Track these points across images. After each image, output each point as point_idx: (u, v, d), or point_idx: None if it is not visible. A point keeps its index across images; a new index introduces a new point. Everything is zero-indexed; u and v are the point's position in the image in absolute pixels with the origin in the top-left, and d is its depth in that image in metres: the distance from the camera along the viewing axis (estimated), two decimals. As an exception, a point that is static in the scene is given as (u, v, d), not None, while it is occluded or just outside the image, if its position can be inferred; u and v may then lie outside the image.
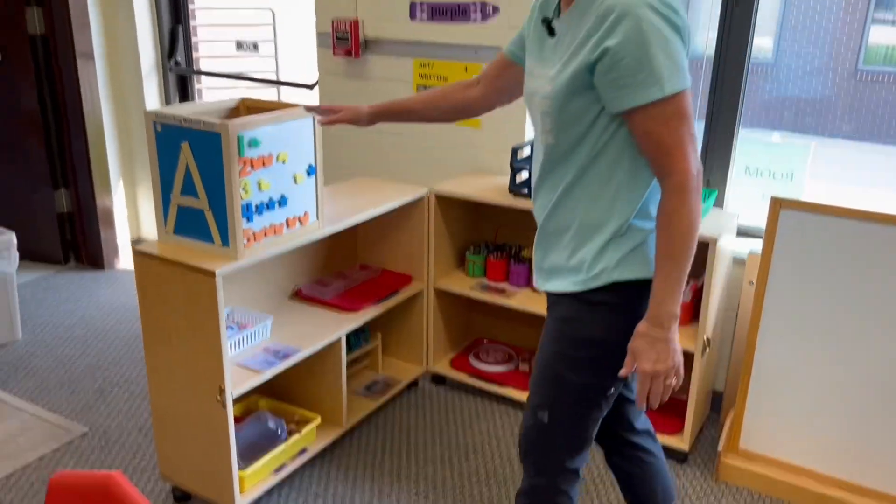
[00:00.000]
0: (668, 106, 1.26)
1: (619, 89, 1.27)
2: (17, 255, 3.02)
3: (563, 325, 1.47)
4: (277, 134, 1.90)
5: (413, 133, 2.91)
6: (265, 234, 1.95)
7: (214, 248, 1.89)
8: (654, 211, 1.39)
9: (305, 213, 2.06)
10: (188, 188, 1.86)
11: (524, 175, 2.52)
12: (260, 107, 2.05)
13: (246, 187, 1.85)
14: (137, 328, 3.20)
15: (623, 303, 1.41)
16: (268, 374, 2.04)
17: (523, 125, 2.68)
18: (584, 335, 1.44)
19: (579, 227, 1.42)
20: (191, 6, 3.64)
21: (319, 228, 2.13)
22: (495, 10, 2.63)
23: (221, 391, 1.90)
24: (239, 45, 4.52)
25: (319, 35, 3.03)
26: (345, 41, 2.90)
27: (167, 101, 3.68)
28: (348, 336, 2.57)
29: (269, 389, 2.42)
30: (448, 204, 2.65)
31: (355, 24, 2.87)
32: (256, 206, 1.89)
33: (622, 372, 1.39)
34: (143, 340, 2.02)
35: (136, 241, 3.95)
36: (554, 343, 1.48)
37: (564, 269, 1.46)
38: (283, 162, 1.94)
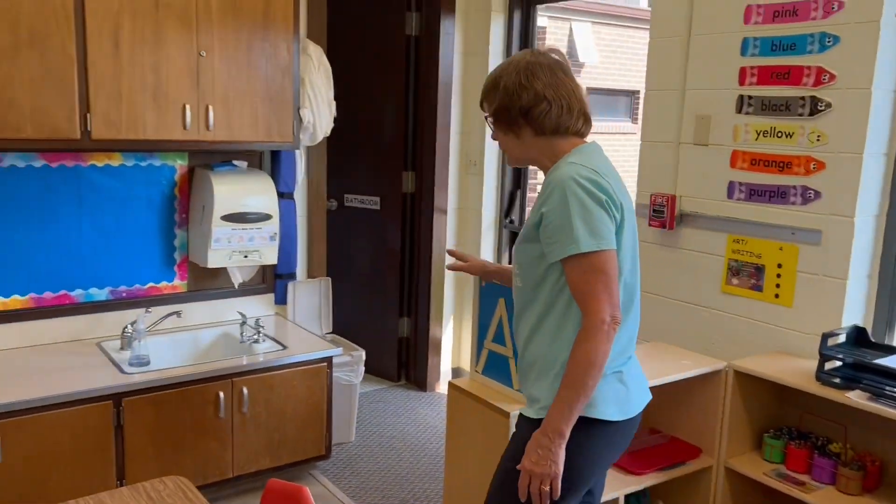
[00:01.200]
0: (585, 261, 1.58)
1: (550, 245, 1.63)
2: (363, 369, 3.63)
3: (515, 445, 1.72)
4: (581, 299, 2.14)
5: (718, 303, 2.94)
6: (559, 387, 2.16)
7: (512, 393, 2.15)
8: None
9: (598, 372, 2.24)
10: (499, 337, 2.17)
11: (836, 363, 2.41)
12: (570, 272, 2.33)
13: (547, 343, 2.10)
14: (443, 450, 3.59)
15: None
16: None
17: (840, 311, 2.58)
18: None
19: (543, 362, 1.70)
20: (530, 173, 4.19)
21: (610, 388, 2.28)
22: (817, 194, 2.63)
23: (501, 523, 2.10)
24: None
25: (639, 206, 3.28)
26: (661, 213, 3.11)
27: (499, 253, 4.20)
28: (627, 497, 2.60)
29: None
30: (748, 381, 2.61)
31: (672, 199, 3.07)
32: (554, 361, 2.13)
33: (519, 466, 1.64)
34: (445, 461, 2.32)
35: (455, 370, 4.44)
36: (508, 460, 1.73)
37: (531, 398, 1.73)
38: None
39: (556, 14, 9.16)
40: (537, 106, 1.69)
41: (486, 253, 4.20)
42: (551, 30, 9.23)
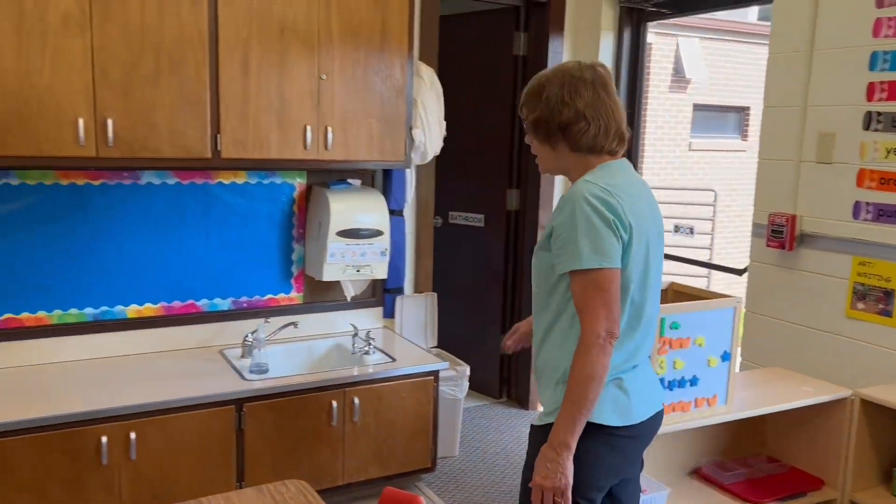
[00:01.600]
0: (586, 277, 1.65)
1: (558, 257, 1.70)
2: (467, 384, 3.67)
3: (527, 458, 1.79)
4: (698, 320, 2.10)
5: (841, 328, 2.81)
6: (673, 409, 2.13)
7: (626, 413, 2.12)
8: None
9: (714, 396, 2.19)
10: (612, 356, 2.16)
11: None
12: (686, 292, 2.29)
13: (662, 364, 2.07)
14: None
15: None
16: (657, 542, 2.15)
17: (982, 340, 2.41)
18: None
19: (549, 369, 1.78)
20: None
21: (727, 413, 2.22)
22: (954, 215, 2.48)
23: (612, 545, 2.07)
24: (677, 229, 4.87)
25: (755, 226, 3.18)
26: (779, 234, 3.00)
27: (605, 271, 4.15)
28: (744, 527, 2.51)
29: (657, 559, 2.49)
30: (875, 411, 2.47)
31: (792, 219, 2.96)
32: (669, 383, 2.09)
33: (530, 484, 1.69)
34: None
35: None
36: (525, 470, 1.80)
37: (544, 403, 1.80)
38: (700, 346, 2.12)
39: (662, 30, 9.01)
40: (576, 124, 1.74)
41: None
42: (657, 46, 9.07)
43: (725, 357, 2.17)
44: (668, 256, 4.24)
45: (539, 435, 1.76)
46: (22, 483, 2.45)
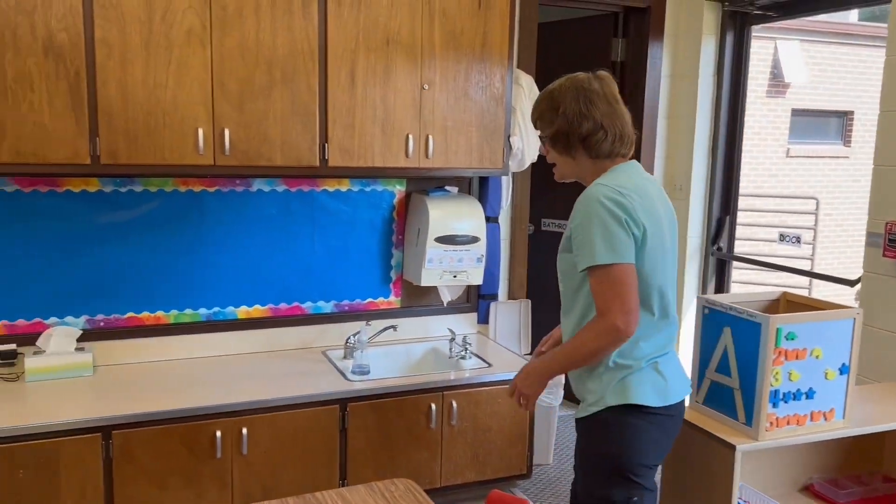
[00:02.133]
0: (602, 272, 1.79)
1: (577, 257, 1.86)
2: (562, 392, 3.66)
3: (581, 455, 1.95)
4: (815, 331, 2.04)
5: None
6: (787, 423, 2.06)
7: (737, 425, 2.08)
8: (634, 352, 1.86)
9: (832, 410, 2.11)
10: (723, 367, 2.12)
11: None
12: (800, 302, 2.22)
13: (777, 375, 2.01)
14: (644, 480, 3.51)
15: (611, 422, 1.85)
16: (769, 559, 2.09)
17: None
18: (591, 451, 1.91)
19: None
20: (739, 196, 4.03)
21: (844, 428, 2.14)
22: None
23: (723, 560, 2.03)
24: (782, 238, 4.70)
25: (870, 235, 3.04)
26: (897, 243, 2.86)
27: (704, 282, 4.06)
28: (861, 549, 2.41)
29: (765, 577, 2.41)
30: None
31: (911, 228, 2.82)
32: (784, 395, 2.04)
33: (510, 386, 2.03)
34: (661, 492, 2.29)
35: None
36: (578, 461, 1.96)
37: (581, 398, 1.95)
38: (817, 357, 2.06)
39: (761, 33, 8.72)
40: (595, 134, 1.89)
41: (691, 281, 4.07)
42: (754, 49, 8.75)
43: (844, 370, 2.09)
44: (772, 266, 4.12)
45: (585, 425, 1.94)
46: (145, 473, 2.60)
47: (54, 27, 2.52)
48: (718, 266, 4.06)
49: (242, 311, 3.24)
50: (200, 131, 2.74)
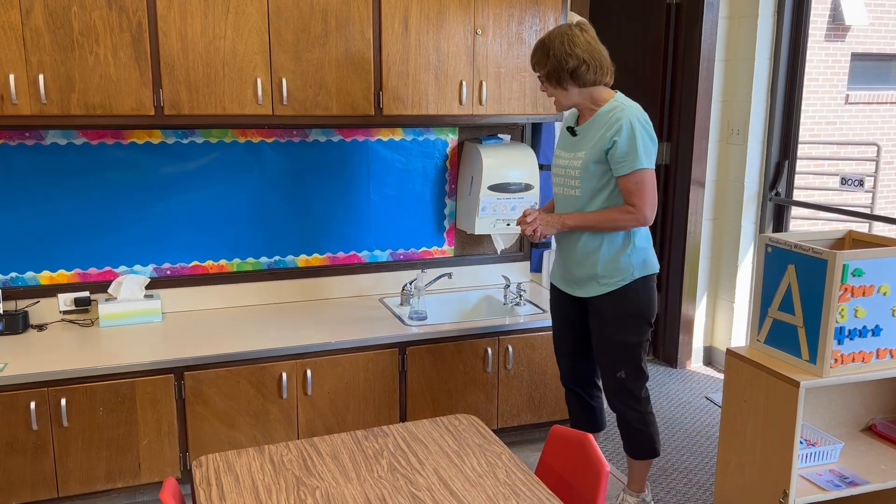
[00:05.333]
0: (640, 175, 2.36)
1: (618, 163, 2.37)
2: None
3: (618, 310, 2.49)
4: (883, 267, 2.01)
5: None
6: (853, 360, 2.05)
7: (801, 363, 2.07)
8: (647, 237, 2.51)
9: (899, 348, 2.09)
10: (786, 305, 2.10)
11: None
12: (867, 240, 2.18)
13: (843, 312, 1.99)
14: (700, 423, 3.53)
15: (640, 288, 2.47)
16: (833, 494, 2.09)
17: None
18: (629, 311, 2.47)
19: (606, 248, 2.46)
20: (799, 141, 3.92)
21: (911, 366, 2.11)
22: None
23: (786, 495, 2.04)
24: (844, 181, 4.58)
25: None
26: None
27: (762, 228, 4.00)
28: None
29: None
30: None
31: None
32: (849, 332, 2.02)
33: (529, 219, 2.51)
34: (721, 431, 2.30)
35: (707, 349, 4.32)
36: (615, 334, 2.51)
37: (597, 276, 2.49)
38: (885, 294, 2.03)
39: (820, -27, 8.38)
40: (579, 68, 2.37)
41: (748, 228, 4.01)
42: (813, -9, 8.44)
43: (912, 308, 2.06)
44: (832, 210, 4.03)
45: (616, 295, 2.46)
46: (216, 412, 2.72)
47: (117, -20, 2.57)
48: (776, 212, 3.99)
49: (302, 260, 3.32)
50: (259, 81, 2.78)
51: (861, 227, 5.49)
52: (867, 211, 6.48)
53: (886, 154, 8.85)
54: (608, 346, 2.54)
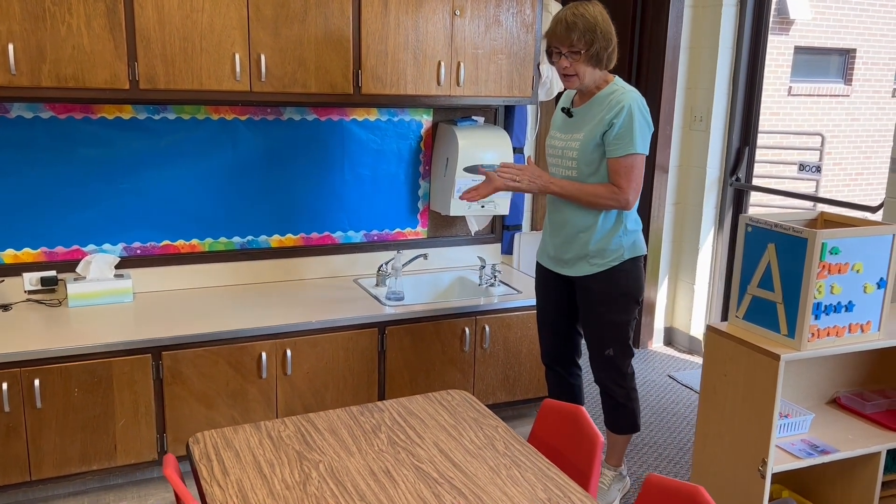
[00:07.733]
0: (632, 159, 2.42)
1: (613, 144, 2.41)
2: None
3: (608, 290, 2.55)
4: (857, 246, 2.11)
5: None
6: (827, 334, 2.15)
7: (779, 338, 2.16)
8: (638, 220, 2.58)
9: (868, 322, 2.20)
10: (766, 282, 2.19)
11: None
12: (838, 221, 2.28)
13: (820, 289, 2.09)
14: (665, 400, 3.63)
15: (630, 268, 2.54)
16: (806, 462, 2.20)
17: None
18: (619, 291, 2.54)
19: (598, 228, 2.51)
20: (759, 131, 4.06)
21: (878, 340, 2.23)
22: None
23: (764, 463, 2.14)
24: (802, 167, 4.76)
25: (894, 161, 3.10)
26: (922, 169, 2.93)
27: (722, 212, 4.13)
28: (890, 451, 2.53)
29: (793, 483, 2.54)
30: None
31: (938, 153, 2.88)
32: (825, 307, 2.12)
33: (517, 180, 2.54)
34: (700, 404, 2.39)
35: (668, 330, 4.45)
36: (607, 313, 2.57)
37: (587, 256, 2.54)
38: (858, 272, 2.13)
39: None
40: (615, 49, 2.44)
41: (709, 212, 4.14)
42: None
43: (882, 284, 2.17)
44: (792, 195, 4.19)
45: (604, 275, 2.53)
46: (194, 392, 2.67)
47: (91, -53, 2.48)
48: (736, 197, 4.13)
49: (275, 240, 3.28)
50: (237, 56, 2.73)
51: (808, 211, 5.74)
52: (813, 194, 6.74)
53: (828, 144, 9.21)
54: (598, 324, 2.59)
